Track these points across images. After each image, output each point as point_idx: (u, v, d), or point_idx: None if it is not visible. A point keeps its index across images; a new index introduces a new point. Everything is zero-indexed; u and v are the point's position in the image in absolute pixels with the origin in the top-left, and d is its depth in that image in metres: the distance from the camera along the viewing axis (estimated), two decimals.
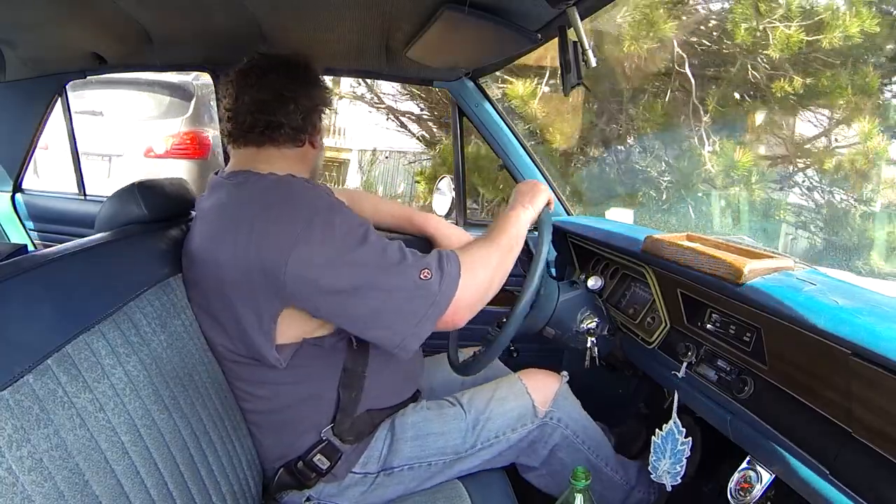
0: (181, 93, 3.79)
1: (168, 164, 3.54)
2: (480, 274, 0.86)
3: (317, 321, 0.88)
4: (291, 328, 0.87)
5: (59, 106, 1.66)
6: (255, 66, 0.95)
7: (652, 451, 1.02)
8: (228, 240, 0.84)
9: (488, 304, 0.91)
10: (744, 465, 0.89)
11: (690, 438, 0.97)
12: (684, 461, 0.97)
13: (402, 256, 0.83)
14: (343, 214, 0.85)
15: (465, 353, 1.19)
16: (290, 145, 0.95)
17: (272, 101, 0.92)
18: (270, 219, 0.82)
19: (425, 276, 0.82)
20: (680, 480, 0.97)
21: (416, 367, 1.08)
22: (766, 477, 0.84)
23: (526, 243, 1.23)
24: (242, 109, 0.93)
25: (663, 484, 1.09)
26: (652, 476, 1.01)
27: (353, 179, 7.61)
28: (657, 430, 1.02)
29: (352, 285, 0.81)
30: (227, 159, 1.20)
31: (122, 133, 3.54)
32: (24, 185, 1.72)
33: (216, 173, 0.99)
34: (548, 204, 1.05)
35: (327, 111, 1.00)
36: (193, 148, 3.69)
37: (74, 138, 1.77)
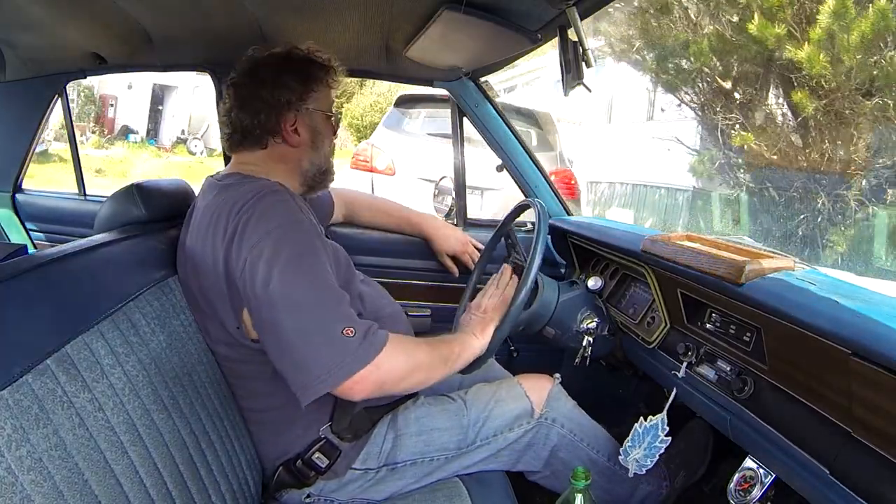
0: (545, 125, 3.57)
1: None
2: (399, 362, 0.84)
3: None
4: None
5: (60, 106, 1.66)
6: (237, 73, 0.99)
7: (630, 436, 1.02)
8: (208, 241, 0.87)
9: None
10: (744, 465, 0.89)
11: (670, 438, 0.98)
12: (657, 457, 0.98)
13: (336, 305, 0.82)
14: (302, 240, 0.85)
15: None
16: (257, 147, 0.98)
17: (240, 108, 0.97)
18: (239, 221, 0.84)
19: (347, 333, 0.79)
20: (644, 471, 0.99)
21: None
22: (766, 477, 0.84)
23: (517, 246, 1.23)
24: (223, 119, 1.00)
25: (668, 480, 1.10)
26: (620, 458, 1.02)
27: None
28: (642, 418, 1.02)
29: (276, 308, 0.80)
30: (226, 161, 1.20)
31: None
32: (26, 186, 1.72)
33: (212, 175, 1.00)
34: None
35: (308, 107, 0.98)
36: (565, 187, 3.42)
37: (74, 138, 1.77)
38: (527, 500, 1.12)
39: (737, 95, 5.25)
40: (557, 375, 1.12)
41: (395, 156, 3.43)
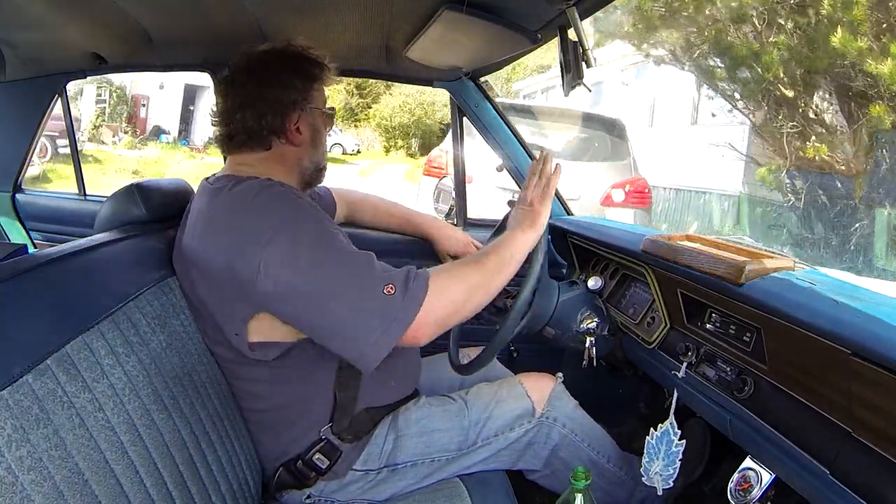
0: (618, 132, 3.44)
1: (620, 213, 3.24)
2: (452, 294, 0.84)
3: None
4: (277, 326, 0.87)
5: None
6: (230, 72, 0.98)
7: (645, 452, 1.00)
8: (206, 243, 0.87)
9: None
10: (744, 465, 0.88)
11: (685, 440, 0.97)
12: (678, 463, 0.96)
13: (369, 269, 0.82)
14: (312, 221, 0.85)
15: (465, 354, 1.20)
16: (260, 149, 0.96)
17: (243, 108, 0.95)
18: (241, 224, 0.84)
19: (389, 292, 0.79)
20: (672, 484, 0.96)
21: (413, 365, 1.08)
22: (766, 477, 0.83)
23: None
24: (222, 119, 0.97)
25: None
26: (644, 479, 0.98)
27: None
28: (651, 429, 1.01)
29: (313, 294, 0.80)
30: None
31: (577, 174, 3.11)
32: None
33: (206, 178, 0.99)
34: None
35: (311, 106, 0.97)
36: (640, 196, 3.33)
37: (74, 138, 1.77)
38: (527, 499, 1.12)
39: (802, 104, 5.27)
40: (560, 374, 1.11)
41: (470, 162, 3.39)
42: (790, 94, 5.24)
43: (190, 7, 1.12)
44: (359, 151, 18.68)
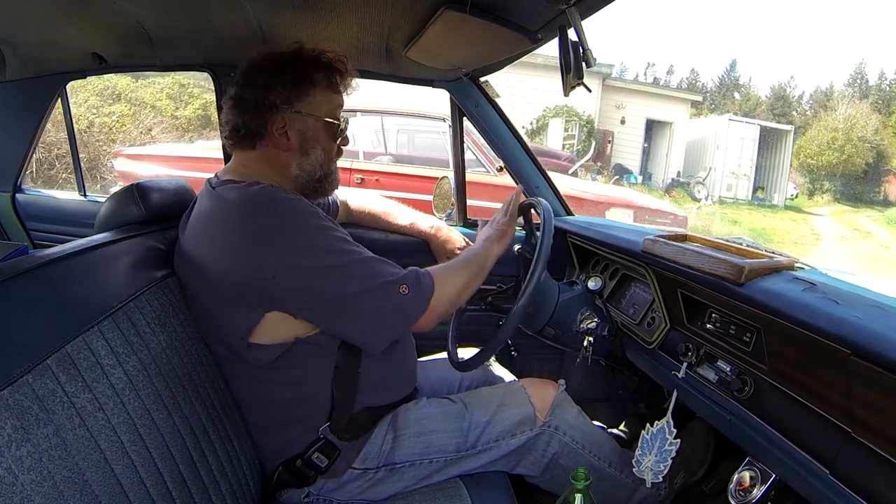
0: None
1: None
2: (450, 290, 0.96)
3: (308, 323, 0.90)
4: (280, 329, 0.88)
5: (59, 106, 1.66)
6: (236, 73, 1.00)
7: (639, 444, 1.02)
8: (212, 249, 0.87)
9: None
10: (744, 465, 0.89)
11: (679, 440, 0.97)
12: (669, 461, 0.98)
13: (382, 272, 0.89)
14: (321, 228, 0.88)
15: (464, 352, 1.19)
16: (248, 149, 0.98)
17: (230, 108, 0.98)
18: (251, 233, 0.85)
19: (403, 291, 0.89)
20: (661, 479, 0.99)
21: (411, 364, 1.09)
22: (766, 477, 0.84)
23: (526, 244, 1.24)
24: (221, 118, 1.01)
25: (667, 481, 1.09)
26: (634, 470, 1.02)
27: None
28: (648, 424, 1.02)
29: (332, 297, 0.86)
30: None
31: None
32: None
33: (209, 180, 0.99)
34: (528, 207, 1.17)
35: (299, 111, 0.96)
36: None
37: (74, 138, 1.77)
38: (527, 500, 1.12)
39: None
40: (562, 381, 1.11)
41: None
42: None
43: (190, 7, 1.12)
44: None
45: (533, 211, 1.18)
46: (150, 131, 7.16)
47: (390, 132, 4.18)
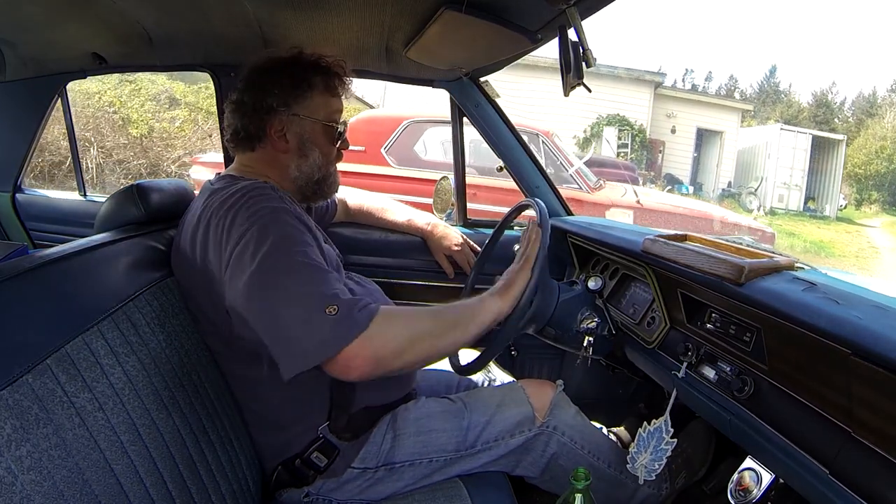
0: None
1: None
2: (395, 333, 0.79)
3: None
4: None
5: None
6: (239, 79, 1.01)
7: (635, 442, 1.02)
8: (197, 242, 0.88)
9: None
10: (744, 465, 0.88)
11: (676, 440, 0.97)
12: (664, 460, 0.98)
13: (319, 285, 0.78)
14: (280, 226, 0.83)
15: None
16: (248, 150, 1.00)
17: (231, 110, 1.00)
18: (220, 224, 0.85)
19: (330, 312, 0.75)
20: (654, 477, 0.98)
21: None
22: (766, 477, 0.83)
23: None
24: (223, 123, 1.02)
25: (668, 481, 1.10)
26: (628, 466, 1.01)
27: None
28: (645, 422, 1.02)
29: (259, 297, 0.78)
30: None
31: None
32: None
33: (209, 179, 1.01)
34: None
35: (297, 114, 0.97)
36: None
37: (74, 138, 1.77)
38: (527, 500, 1.12)
39: None
40: (560, 382, 1.12)
41: None
42: None
43: (190, 7, 1.12)
44: None
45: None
46: (210, 136, 7.04)
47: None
